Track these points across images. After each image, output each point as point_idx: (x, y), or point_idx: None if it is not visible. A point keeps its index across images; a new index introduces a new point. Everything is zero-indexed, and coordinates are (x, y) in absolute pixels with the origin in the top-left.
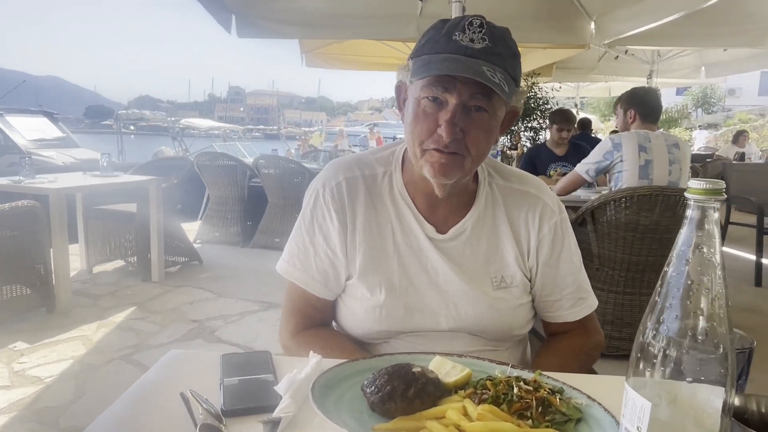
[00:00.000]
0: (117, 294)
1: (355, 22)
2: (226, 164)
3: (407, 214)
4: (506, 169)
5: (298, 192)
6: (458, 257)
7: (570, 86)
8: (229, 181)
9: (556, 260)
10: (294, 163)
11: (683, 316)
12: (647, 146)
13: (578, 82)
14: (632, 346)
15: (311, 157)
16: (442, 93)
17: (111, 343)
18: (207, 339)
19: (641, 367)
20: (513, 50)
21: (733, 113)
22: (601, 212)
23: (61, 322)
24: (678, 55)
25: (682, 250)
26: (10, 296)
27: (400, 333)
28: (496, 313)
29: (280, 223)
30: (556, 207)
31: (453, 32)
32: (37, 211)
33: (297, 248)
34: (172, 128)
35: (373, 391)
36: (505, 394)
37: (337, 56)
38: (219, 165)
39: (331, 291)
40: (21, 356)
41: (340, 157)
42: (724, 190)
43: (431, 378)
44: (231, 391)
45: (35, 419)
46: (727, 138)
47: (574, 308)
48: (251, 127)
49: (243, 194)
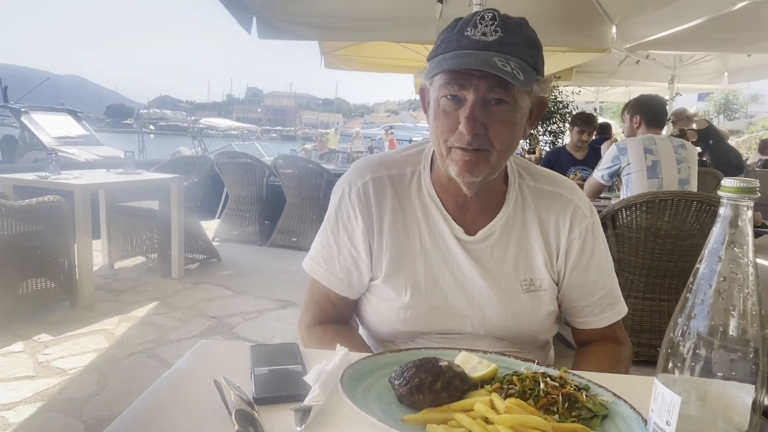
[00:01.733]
0: (138, 289)
1: (375, 24)
2: (246, 163)
3: (435, 215)
4: (537, 170)
5: (316, 192)
6: (486, 260)
7: (590, 90)
8: (248, 180)
9: (586, 264)
10: (313, 164)
11: (714, 313)
12: (653, 148)
13: (598, 86)
14: (661, 344)
15: (327, 158)
16: (459, 90)
17: (132, 337)
18: (225, 335)
19: (671, 363)
20: (531, 39)
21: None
22: (621, 216)
23: (83, 315)
24: (700, 61)
25: (714, 248)
26: (35, 289)
27: (425, 334)
28: (522, 318)
29: (297, 222)
30: (588, 210)
31: (465, 28)
32: (63, 207)
33: (322, 246)
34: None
35: (402, 383)
36: (532, 389)
37: (355, 58)
38: (238, 164)
39: (353, 290)
40: (45, 348)
41: (367, 156)
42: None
43: (458, 372)
44: (262, 380)
45: (59, 409)
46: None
47: (603, 314)
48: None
49: (261, 193)
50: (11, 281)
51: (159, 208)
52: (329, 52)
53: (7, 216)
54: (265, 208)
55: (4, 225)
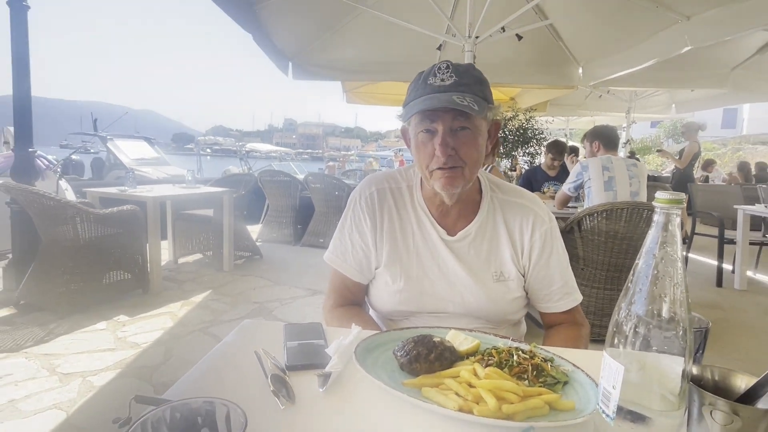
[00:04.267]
0: (197, 280)
1: (387, 67)
2: (283, 180)
3: (425, 219)
4: (506, 185)
5: (338, 202)
6: (464, 255)
7: (561, 119)
8: (284, 192)
9: (546, 261)
10: (336, 180)
11: (650, 299)
12: (609, 166)
13: (568, 116)
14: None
15: (347, 175)
16: (431, 124)
17: (192, 318)
18: (266, 317)
19: (616, 339)
20: (478, 78)
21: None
22: (585, 222)
23: (153, 300)
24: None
25: (650, 247)
26: (116, 279)
27: (417, 313)
28: (493, 302)
29: (324, 226)
30: (546, 217)
31: (428, 78)
32: (138, 214)
33: (339, 243)
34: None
35: (403, 354)
36: (507, 360)
37: (371, 94)
38: (277, 180)
39: (364, 276)
40: (123, 326)
41: (375, 173)
42: (684, 200)
43: (448, 346)
44: (292, 351)
45: (134, 375)
46: None
47: (562, 301)
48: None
49: (296, 203)
50: (97, 273)
51: (213, 215)
52: (350, 90)
53: (95, 221)
54: (298, 215)
55: (92, 228)
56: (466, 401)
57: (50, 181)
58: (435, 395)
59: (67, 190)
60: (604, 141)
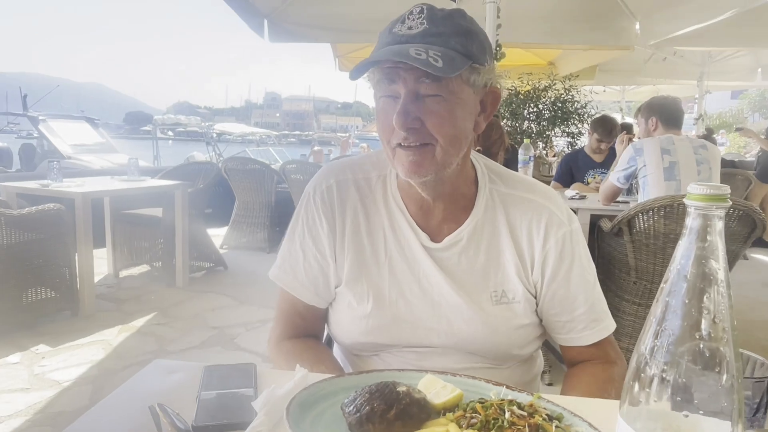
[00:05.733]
0: (141, 299)
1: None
2: (253, 169)
3: (401, 221)
4: (512, 175)
5: None
6: (453, 268)
7: (615, 89)
8: (256, 186)
9: (565, 276)
10: None
11: (680, 340)
12: (670, 149)
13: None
14: None
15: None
16: (389, 85)
17: (131, 348)
18: (225, 346)
19: (635, 395)
20: (462, 27)
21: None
22: (639, 222)
23: (83, 325)
24: (732, 57)
25: (681, 264)
26: (36, 299)
27: (390, 346)
28: (492, 331)
29: None
30: (566, 217)
31: (394, 26)
32: (63, 215)
33: (288, 253)
34: (207, 133)
35: (352, 411)
36: (496, 419)
37: None
38: (246, 170)
39: (320, 298)
40: (42, 359)
41: (335, 160)
42: (729, 195)
43: (416, 398)
44: (206, 405)
45: (49, 423)
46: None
47: (587, 330)
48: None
49: (270, 200)
50: (12, 291)
51: (163, 216)
52: (343, 55)
53: (7, 225)
54: (274, 215)
55: (4, 234)
56: None
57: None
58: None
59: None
60: (663, 116)
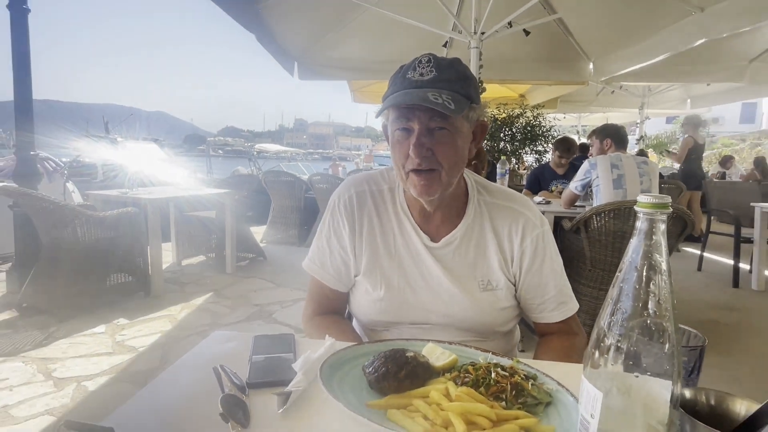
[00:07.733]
0: (199, 282)
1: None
2: (287, 180)
3: (407, 225)
4: (495, 187)
5: None
6: (449, 263)
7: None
8: (288, 193)
9: (538, 268)
10: (340, 180)
11: (632, 316)
12: (619, 164)
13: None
14: None
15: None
16: (407, 122)
17: (191, 321)
18: (265, 320)
19: (595, 360)
20: (462, 74)
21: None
22: (593, 222)
23: (154, 303)
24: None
25: (632, 258)
26: (117, 282)
27: (398, 324)
28: (480, 312)
29: None
30: (538, 221)
31: (407, 72)
32: (138, 216)
33: (317, 249)
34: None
35: (371, 371)
36: (484, 378)
37: (378, 93)
38: (281, 180)
39: (343, 284)
40: (122, 330)
41: (356, 174)
42: (670, 203)
43: (421, 362)
44: (256, 366)
45: (129, 380)
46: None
47: (556, 311)
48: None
49: (300, 204)
50: (98, 276)
51: (216, 217)
52: (357, 89)
53: (95, 224)
54: (302, 216)
55: (92, 231)
56: (434, 425)
57: (57, 184)
58: (401, 418)
59: (74, 192)
60: (615, 139)
